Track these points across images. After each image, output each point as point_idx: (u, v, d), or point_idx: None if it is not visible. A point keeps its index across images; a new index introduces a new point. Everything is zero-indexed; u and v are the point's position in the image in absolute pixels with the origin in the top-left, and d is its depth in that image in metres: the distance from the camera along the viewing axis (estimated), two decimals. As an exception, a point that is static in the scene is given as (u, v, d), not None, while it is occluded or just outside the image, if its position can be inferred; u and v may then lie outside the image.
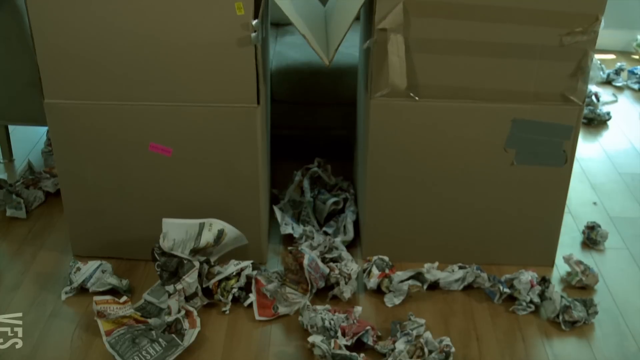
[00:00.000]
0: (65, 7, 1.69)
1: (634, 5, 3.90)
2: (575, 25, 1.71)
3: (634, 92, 3.49)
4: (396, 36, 1.72)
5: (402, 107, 1.85)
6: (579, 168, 2.69)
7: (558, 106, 1.83)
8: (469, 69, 1.79)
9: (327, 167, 2.42)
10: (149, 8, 1.69)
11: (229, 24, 1.69)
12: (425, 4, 1.71)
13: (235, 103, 1.81)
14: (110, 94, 1.81)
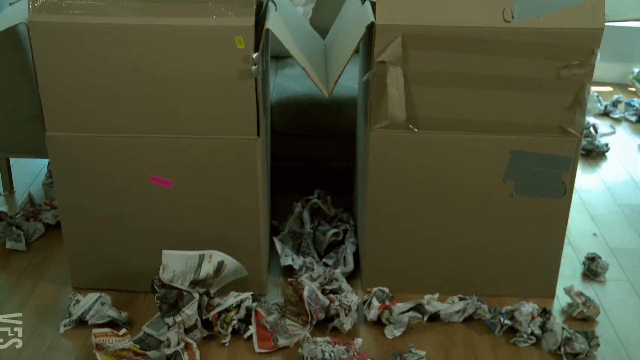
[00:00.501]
0: (67, 42, 1.71)
1: (629, 39, 3.95)
2: (572, 58, 1.73)
3: (631, 124, 3.52)
4: (395, 69, 1.74)
5: (401, 139, 1.86)
6: (578, 199, 2.70)
7: (556, 138, 1.84)
8: (467, 101, 1.81)
9: (327, 199, 2.43)
10: (150, 42, 1.71)
11: (229, 58, 1.71)
12: (423, 38, 1.73)
13: (236, 135, 1.83)
14: (111, 127, 1.82)
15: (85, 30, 1.69)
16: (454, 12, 1.72)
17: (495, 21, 1.71)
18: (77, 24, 1.68)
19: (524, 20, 1.70)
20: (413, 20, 1.72)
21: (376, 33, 1.72)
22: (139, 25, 1.69)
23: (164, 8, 1.69)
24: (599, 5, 1.68)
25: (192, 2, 1.69)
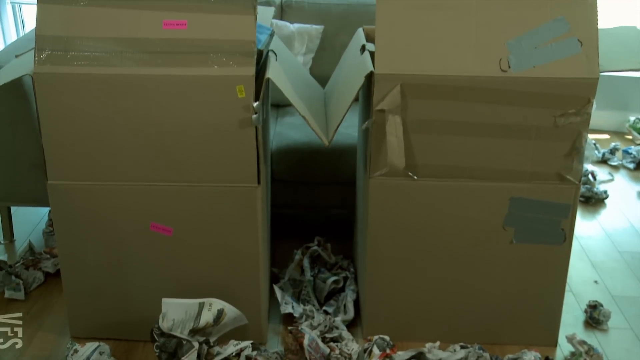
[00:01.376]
0: (71, 92, 1.73)
1: (625, 88, 4.01)
2: (569, 107, 1.75)
3: (629, 171, 3.53)
4: (394, 117, 1.76)
5: (400, 186, 1.87)
6: (579, 246, 2.69)
7: (555, 185, 1.85)
8: (466, 148, 1.82)
9: (327, 246, 2.42)
10: (152, 92, 1.73)
11: (230, 107, 1.73)
12: (421, 86, 1.76)
13: (236, 183, 1.84)
14: (113, 175, 1.83)
15: (88, 80, 1.72)
16: (451, 62, 1.75)
17: (492, 70, 1.73)
18: (80, 75, 1.71)
19: (521, 70, 1.73)
20: (411, 69, 1.75)
21: (375, 82, 1.75)
22: (142, 75, 1.72)
23: (166, 58, 1.72)
24: (593, 55, 1.71)
25: (194, 53, 1.72)
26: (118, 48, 1.72)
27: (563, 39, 1.72)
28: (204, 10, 1.74)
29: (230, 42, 1.72)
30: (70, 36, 1.71)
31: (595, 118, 1.78)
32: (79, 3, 1.73)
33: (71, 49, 1.71)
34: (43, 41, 1.71)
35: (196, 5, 1.74)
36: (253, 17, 1.73)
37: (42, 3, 1.73)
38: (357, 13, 3.05)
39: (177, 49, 1.73)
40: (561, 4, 1.74)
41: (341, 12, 3.08)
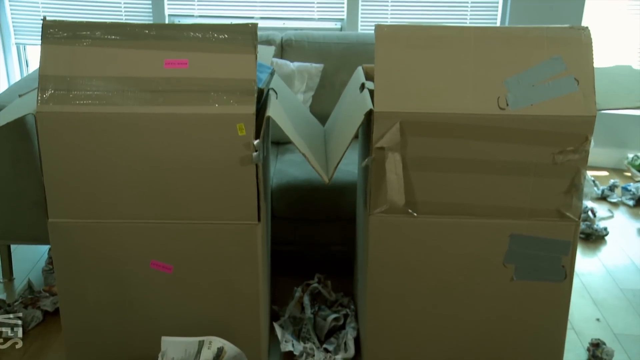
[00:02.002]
0: (73, 131, 1.75)
1: (622, 125, 4.05)
2: (567, 144, 1.76)
3: (629, 208, 3.54)
4: (394, 154, 1.77)
5: (400, 223, 1.87)
6: (580, 283, 2.68)
7: (554, 222, 1.85)
8: (465, 185, 1.83)
9: (328, 283, 2.42)
10: (153, 130, 1.75)
11: (231, 144, 1.75)
12: (421, 124, 1.77)
13: (236, 220, 1.84)
14: (113, 213, 1.84)
15: (90, 119, 1.73)
16: (450, 100, 1.77)
17: (491, 108, 1.75)
18: (82, 114, 1.73)
19: (519, 108, 1.74)
20: (410, 107, 1.76)
21: (375, 120, 1.77)
22: (143, 113, 1.73)
23: (167, 97, 1.74)
24: (590, 94, 1.73)
25: (195, 92, 1.74)
26: (120, 87, 1.74)
27: (560, 78, 1.74)
28: (205, 50, 1.77)
29: (231, 80, 1.75)
30: (73, 76, 1.74)
31: (593, 155, 1.80)
32: (82, 43, 1.75)
33: (74, 88, 1.73)
34: (46, 81, 1.73)
35: (197, 45, 1.77)
36: (253, 56, 1.76)
37: (46, 44, 1.75)
38: (356, 52, 3.10)
39: (179, 87, 1.75)
40: (557, 43, 1.76)
41: (341, 50, 3.12)
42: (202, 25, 1.79)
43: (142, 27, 1.79)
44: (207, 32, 1.78)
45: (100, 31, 1.77)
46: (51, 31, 1.76)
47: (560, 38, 1.77)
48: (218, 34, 1.77)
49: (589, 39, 1.77)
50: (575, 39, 1.77)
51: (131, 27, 1.79)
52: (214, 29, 1.78)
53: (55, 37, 1.76)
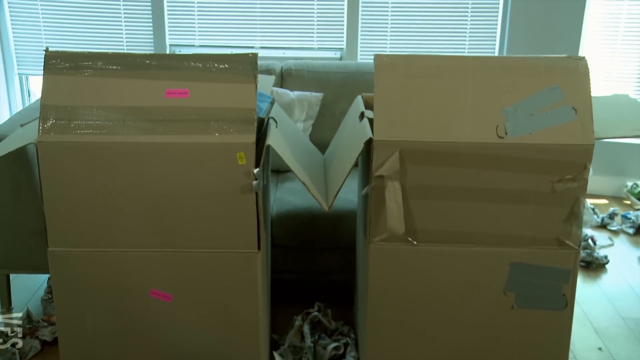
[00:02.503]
0: (74, 160, 1.75)
1: (621, 154, 4.06)
2: (566, 172, 1.77)
3: (629, 236, 3.54)
4: (393, 183, 1.78)
5: (400, 252, 1.87)
6: (581, 312, 2.67)
7: (554, 250, 1.85)
8: (465, 214, 1.83)
9: (328, 312, 2.40)
10: (154, 159, 1.76)
11: (231, 173, 1.75)
12: (420, 153, 1.78)
13: (236, 249, 1.84)
14: (113, 242, 1.84)
15: (91, 148, 1.74)
16: (449, 128, 1.78)
17: (490, 137, 1.76)
18: (84, 143, 1.74)
19: (517, 136, 1.75)
20: (410, 136, 1.77)
21: (374, 148, 1.77)
22: (143, 143, 1.74)
23: (168, 126, 1.75)
24: (587, 122, 1.74)
25: (195, 121, 1.75)
26: (121, 116, 1.75)
27: (558, 107, 1.76)
28: (205, 79, 1.79)
29: (231, 110, 1.76)
30: (75, 105, 1.75)
31: (592, 183, 1.80)
32: (83, 74, 1.77)
33: (75, 118, 1.74)
34: (48, 111, 1.75)
35: (198, 75, 1.79)
36: (254, 85, 1.77)
37: (48, 74, 1.77)
38: (355, 81, 3.12)
39: (179, 117, 1.76)
40: (555, 72, 1.78)
41: (340, 79, 3.14)
42: (202, 55, 1.81)
43: (143, 57, 1.81)
44: (208, 62, 1.80)
45: (102, 61, 1.79)
46: (53, 62, 1.78)
47: (557, 67, 1.79)
48: (218, 64, 1.79)
49: (586, 68, 1.78)
50: (573, 69, 1.79)
51: (132, 57, 1.81)
52: (215, 59, 1.80)
53: (58, 68, 1.78)
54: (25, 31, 4.02)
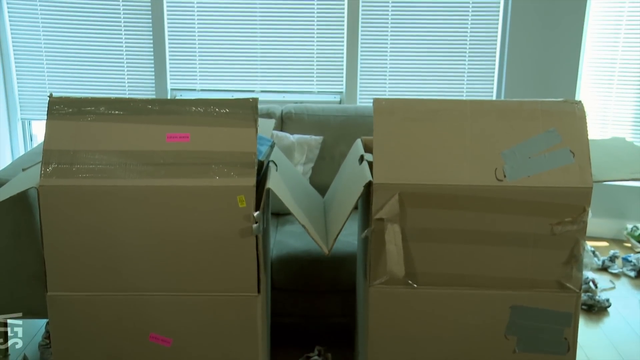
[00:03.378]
0: (75, 204, 1.76)
1: (620, 196, 4.07)
2: (565, 215, 1.78)
3: (630, 279, 3.52)
4: (393, 226, 1.78)
5: (401, 295, 1.86)
6: (584, 356, 2.65)
7: (555, 293, 1.85)
8: (465, 256, 1.83)
9: (328, 356, 2.38)
10: (154, 202, 1.76)
11: (231, 216, 1.76)
12: (419, 195, 1.79)
13: (236, 292, 1.83)
14: (113, 286, 1.83)
15: (92, 192, 1.75)
16: (448, 171, 1.79)
17: (489, 180, 1.77)
18: (84, 187, 1.75)
19: (516, 179, 1.76)
20: (409, 179, 1.78)
21: (374, 191, 1.78)
22: (144, 186, 1.75)
23: (169, 170, 1.76)
24: (585, 165, 1.76)
25: (196, 164, 1.77)
26: (122, 160, 1.76)
27: (555, 150, 1.77)
28: (206, 124, 1.80)
29: (231, 153, 1.77)
30: (77, 150, 1.77)
31: (592, 225, 1.81)
32: (86, 119, 1.79)
33: (77, 162, 1.76)
34: (50, 155, 1.76)
35: (199, 119, 1.81)
36: (254, 129, 1.79)
37: (51, 119, 1.79)
38: (355, 124, 3.15)
39: (180, 160, 1.77)
40: (552, 116, 1.80)
41: (340, 123, 3.17)
42: (204, 100, 1.84)
43: (145, 102, 1.83)
44: (209, 106, 1.82)
45: (105, 106, 1.81)
46: (57, 107, 1.80)
47: (554, 111, 1.81)
48: (219, 109, 1.81)
49: (583, 112, 1.81)
50: (569, 112, 1.81)
51: (134, 103, 1.83)
52: (216, 104, 1.82)
53: (61, 113, 1.80)
54: (30, 77, 4.07)
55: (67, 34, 3.97)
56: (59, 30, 3.97)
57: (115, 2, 3.93)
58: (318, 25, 3.96)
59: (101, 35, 3.98)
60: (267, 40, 3.98)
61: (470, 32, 3.98)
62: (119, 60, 4.02)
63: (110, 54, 4.01)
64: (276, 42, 3.98)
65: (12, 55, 4.01)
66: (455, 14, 3.96)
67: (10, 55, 4.01)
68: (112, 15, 3.95)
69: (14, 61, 4.03)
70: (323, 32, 3.97)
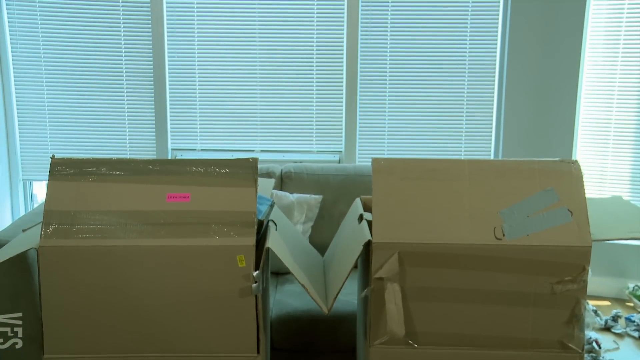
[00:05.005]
0: (74, 264, 1.76)
1: (621, 255, 4.05)
2: (564, 274, 1.77)
3: (634, 340, 3.48)
4: (393, 285, 1.78)
5: (401, 355, 1.84)
6: (589, 418, 2.60)
7: (557, 353, 1.83)
8: (465, 316, 1.82)
9: (328, 420, 2.34)
10: (154, 262, 1.76)
11: (230, 276, 1.75)
12: (419, 254, 1.79)
13: (235, 353, 1.81)
14: (111, 347, 1.81)
15: (91, 252, 1.75)
16: (447, 230, 1.79)
17: (488, 238, 1.78)
18: (84, 247, 1.75)
19: (515, 238, 1.77)
20: (408, 238, 1.79)
21: (373, 250, 1.78)
22: (144, 246, 1.76)
23: (169, 230, 1.77)
24: (584, 224, 1.77)
25: (196, 224, 1.77)
26: (123, 220, 1.77)
27: (553, 209, 1.78)
28: (206, 184, 1.82)
29: (231, 213, 1.78)
30: (77, 210, 1.78)
31: (594, 285, 1.81)
32: (87, 179, 1.81)
33: (77, 223, 1.77)
34: (51, 216, 1.77)
35: (199, 179, 1.82)
36: (254, 189, 1.81)
37: (53, 180, 1.81)
38: (354, 183, 3.17)
39: (180, 220, 1.78)
40: (549, 175, 1.82)
41: (339, 182, 3.19)
42: (204, 160, 1.86)
43: (146, 163, 1.85)
44: (209, 166, 1.84)
45: (106, 167, 1.83)
46: (59, 168, 1.82)
47: (551, 171, 1.83)
48: (220, 168, 1.83)
49: (579, 171, 1.83)
50: (566, 172, 1.83)
51: (136, 163, 1.85)
52: (216, 164, 1.84)
53: (62, 174, 1.82)
54: (32, 138, 4.11)
55: (71, 96, 4.04)
56: (63, 92, 4.04)
57: (118, 63, 4.01)
58: (317, 84, 4.03)
59: (104, 96, 4.05)
60: (266, 100, 4.04)
61: (467, 91, 4.05)
62: (120, 120, 4.08)
63: (112, 115, 4.07)
64: (276, 102, 4.04)
65: (16, 117, 4.07)
66: (452, 74, 4.03)
67: (15, 118, 4.06)
68: (115, 77, 4.03)
69: (18, 123, 4.08)
70: (322, 92, 4.03)
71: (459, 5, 3.95)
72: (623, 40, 3.78)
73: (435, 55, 4.00)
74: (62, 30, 3.99)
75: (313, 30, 3.98)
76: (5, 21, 3.98)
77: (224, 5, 3.94)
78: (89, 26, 3.98)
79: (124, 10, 3.96)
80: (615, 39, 3.78)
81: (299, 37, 3.98)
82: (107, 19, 3.98)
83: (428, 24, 3.97)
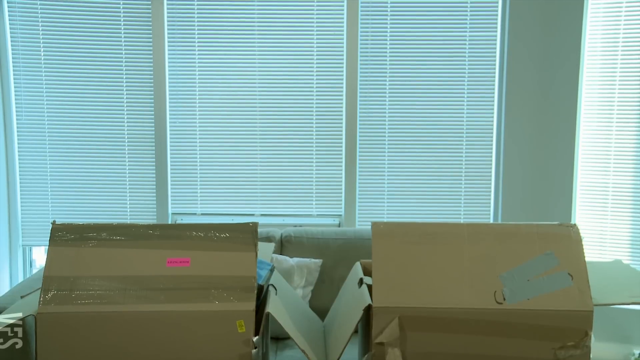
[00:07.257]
0: (72, 331, 1.74)
1: (626, 320, 4.01)
2: (567, 339, 1.76)
3: (642, 404, 3.41)
4: (393, 350, 1.76)
5: None
6: None
7: (563, 420, 1.80)
8: (468, 382, 1.80)
9: None
10: (153, 328, 1.75)
11: (230, 341, 1.74)
12: (419, 319, 1.78)
13: (234, 421, 1.78)
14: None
15: (90, 318, 1.74)
16: (447, 294, 1.79)
17: (488, 303, 1.77)
18: (83, 313, 1.74)
19: (515, 302, 1.76)
20: (409, 302, 1.78)
21: (373, 315, 1.77)
22: (143, 312, 1.75)
23: (168, 295, 1.76)
24: (584, 288, 1.76)
25: (196, 289, 1.77)
26: (122, 286, 1.77)
27: (554, 273, 1.78)
28: (206, 248, 1.82)
29: (231, 278, 1.78)
30: (77, 276, 1.77)
31: (597, 350, 1.78)
32: (87, 245, 1.81)
33: (76, 288, 1.76)
34: (50, 282, 1.77)
35: (199, 244, 1.83)
36: (254, 253, 1.81)
37: (53, 246, 1.81)
38: (354, 247, 3.16)
39: (180, 285, 1.78)
40: (548, 239, 1.82)
41: (339, 246, 3.19)
42: (204, 225, 1.87)
43: (146, 228, 1.86)
44: (209, 231, 1.85)
45: (106, 232, 1.83)
46: (59, 234, 1.83)
47: (550, 234, 1.83)
48: (220, 233, 1.84)
49: (578, 235, 1.83)
50: (565, 236, 1.83)
51: (136, 228, 1.86)
52: (216, 228, 1.85)
53: (63, 240, 1.82)
54: (34, 204, 4.13)
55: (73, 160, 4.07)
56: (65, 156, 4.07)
57: (120, 128, 4.05)
58: (317, 148, 4.06)
59: (105, 161, 4.08)
60: (267, 164, 4.07)
61: (465, 155, 4.08)
62: (122, 185, 4.10)
63: (114, 180, 4.09)
64: (276, 166, 4.07)
65: (18, 183, 4.10)
66: (451, 136, 4.08)
67: (17, 183, 4.09)
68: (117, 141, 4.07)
69: (20, 188, 4.11)
70: (322, 155, 4.07)
71: (456, 67, 4.02)
72: (617, 97, 3.84)
73: (434, 118, 4.06)
74: (65, 92, 4.06)
75: (313, 95, 4.04)
76: (12, 90, 4.05)
77: (224, 67, 4.02)
78: (91, 82, 4.05)
79: (127, 69, 4.03)
80: (609, 96, 3.84)
81: (299, 101, 4.04)
82: (109, 72, 4.04)
83: (425, 83, 4.04)
